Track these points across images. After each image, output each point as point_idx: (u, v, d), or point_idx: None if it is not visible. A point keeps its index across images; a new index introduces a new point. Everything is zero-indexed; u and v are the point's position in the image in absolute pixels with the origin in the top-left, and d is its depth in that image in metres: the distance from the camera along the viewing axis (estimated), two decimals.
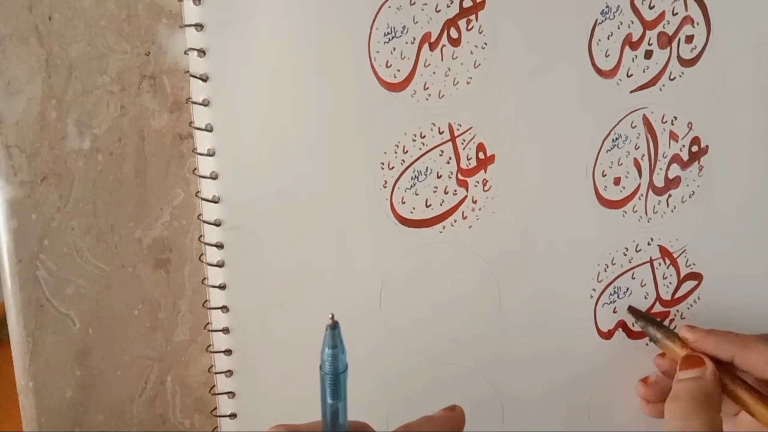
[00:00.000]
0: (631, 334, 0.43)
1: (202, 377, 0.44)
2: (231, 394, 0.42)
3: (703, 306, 0.43)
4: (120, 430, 0.44)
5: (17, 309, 0.43)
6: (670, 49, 0.41)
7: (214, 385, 0.43)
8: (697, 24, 0.41)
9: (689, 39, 0.41)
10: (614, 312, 0.43)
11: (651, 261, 0.43)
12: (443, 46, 0.40)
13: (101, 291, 0.43)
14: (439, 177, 0.41)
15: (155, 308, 0.44)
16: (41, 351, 0.44)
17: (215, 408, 0.43)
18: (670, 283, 0.43)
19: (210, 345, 0.43)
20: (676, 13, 0.41)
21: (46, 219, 0.43)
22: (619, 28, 0.40)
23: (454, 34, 0.40)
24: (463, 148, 0.41)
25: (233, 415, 0.43)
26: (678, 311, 0.43)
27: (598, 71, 0.41)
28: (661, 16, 0.41)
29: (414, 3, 0.39)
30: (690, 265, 0.43)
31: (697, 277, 0.43)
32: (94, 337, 0.44)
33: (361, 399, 0.42)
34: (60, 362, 0.44)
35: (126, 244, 0.43)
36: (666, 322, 0.43)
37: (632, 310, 0.42)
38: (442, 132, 0.41)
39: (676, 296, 0.43)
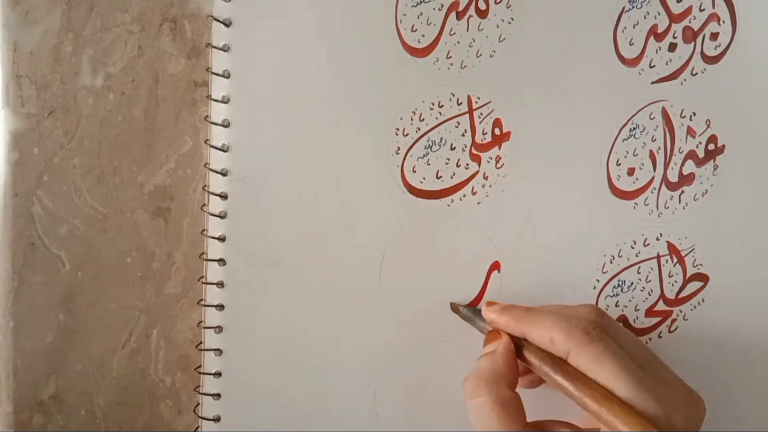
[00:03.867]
0: (632, 331, 0.42)
1: (189, 334, 0.43)
2: (218, 351, 0.41)
3: (708, 308, 0.42)
4: (98, 381, 0.43)
5: (6, 244, 0.42)
6: (695, 44, 0.41)
7: (200, 342, 0.42)
8: (723, 22, 0.41)
9: (714, 36, 0.41)
10: (616, 306, 0.42)
11: (658, 257, 0.42)
12: (470, 16, 0.40)
13: (96, 234, 0.42)
14: (452, 149, 0.41)
15: (149, 257, 0.42)
16: (26, 290, 0.42)
17: (199, 366, 0.42)
18: (676, 281, 0.42)
19: (202, 299, 0.41)
20: (703, 9, 0.41)
21: (49, 154, 0.42)
22: (645, 17, 0.40)
23: (482, 5, 0.40)
24: (480, 122, 0.41)
25: (218, 374, 0.41)
26: (681, 311, 0.42)
27: (621, 59, 0.41)
28: (688, 10, 0.41)
29: None
30: (697, 266, 0.42)
31: (703, 278, 0.42)
32: (82, 282, 0.42)
33: (348, 368, 0.41)
34: (44, 304, 0.42)
35: (127, 188, 0.42)
36: (668, 322, 0.42)
37: (453, 306, 0.41)
38: (461, 103, 0.40)
39: (681, 296, 0.42)
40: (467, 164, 0.41)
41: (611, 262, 0.42)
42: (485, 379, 0.35)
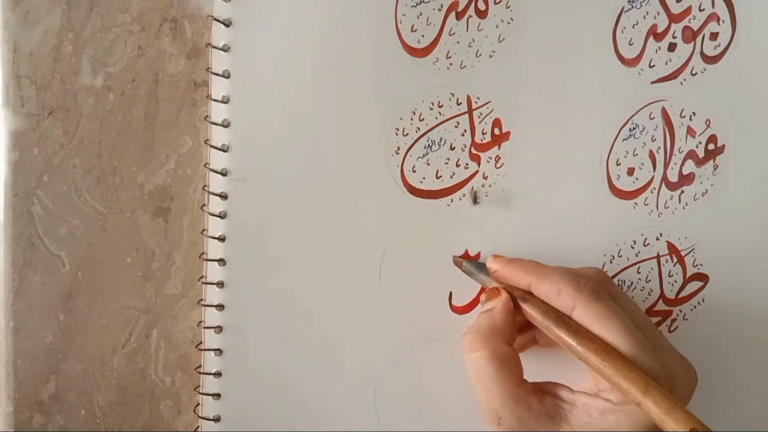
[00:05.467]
0: None
1: (189, 334, 0.43)
2: (218, 351, 0.41)
3: (708, 308, 0.42)
4: (98, 381, 0.43)
5: (7, 244, 0.42)
6: (694, 44, 0.41)
7: (200, 342, 0.42)
8: (723, 22, 0.41)
9: (714, 36, 0.41)
10: None
11: (658, 257, 0.42)
12: (470, 16, 0.40)
13: (96, 234, 0.42)
14: (452, 149, 0.41)
15: (149, 257, 0.42)
16: (26, 290, 0.42)
17: (199, 366, 0.42)
18: (675, 281, 0.42)
19: (202, 299, 0.41)
20: (703, 9, 0.41)
21: (48, 154, 0.42)
22: (645, 17, 0.40)
23: (481, 5, 0.40)
24: (479, 122, 0.41)
25: (218, 374, 0.41)
26: (681, 311, 0.42)
27: (621, 59, 0.41)
28: (688, 10, 0.41)
29: None
30: (697, 266, 0.42)
31: (703, 278, 0.42)
32: (82, 282, 0.42)
33: (348, 368, 0.41)
34: (44, 304, 0.42)
35: (127, 188, 0.42)
36: (668, 322, 0.42)
37: (455, 260, 0.41)
38: (460, 103, 0.40)
39: (681, 296, 0.42)
40: (467, 164, 0.41)
41: (611, 262, 0.42)
42: (483, 333, 0.36)
